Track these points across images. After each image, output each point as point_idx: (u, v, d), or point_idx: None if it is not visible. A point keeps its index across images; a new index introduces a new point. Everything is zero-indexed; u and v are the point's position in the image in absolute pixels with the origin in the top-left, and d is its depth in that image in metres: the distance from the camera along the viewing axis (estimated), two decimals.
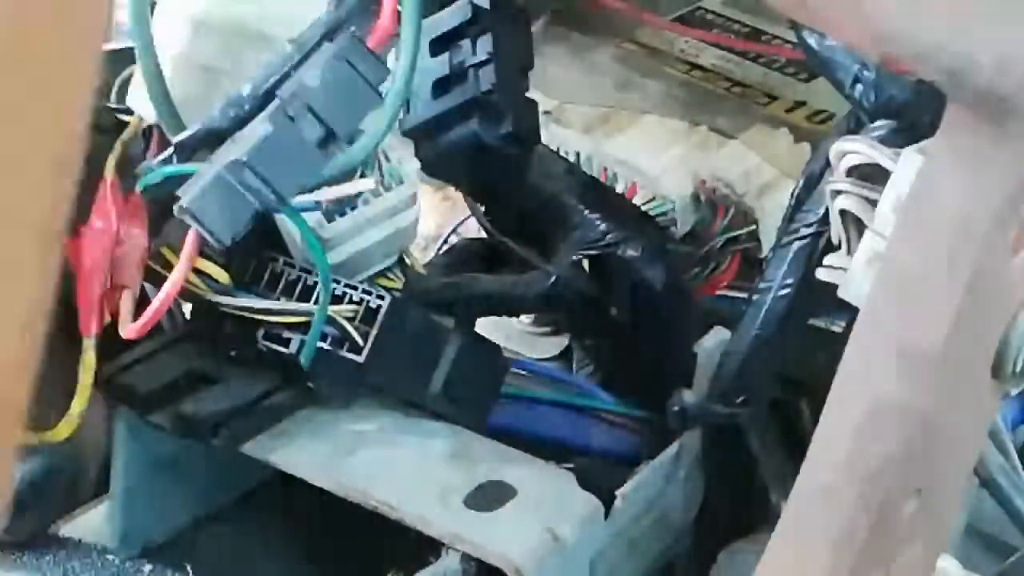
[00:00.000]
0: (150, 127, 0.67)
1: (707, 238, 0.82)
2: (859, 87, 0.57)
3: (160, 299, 0.61)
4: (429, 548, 0.61)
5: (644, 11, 0.90)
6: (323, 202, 0.63)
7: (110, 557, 0.68)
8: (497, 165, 0.71)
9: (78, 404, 0.63)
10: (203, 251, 0.64)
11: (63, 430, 0.63)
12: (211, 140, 0.61)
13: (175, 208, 0.59)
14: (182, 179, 0.60)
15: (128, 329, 0.62)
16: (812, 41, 0.58)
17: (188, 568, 0.67)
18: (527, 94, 0.72)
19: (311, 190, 0.62)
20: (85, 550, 0.68)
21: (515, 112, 0.69)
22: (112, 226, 0.62)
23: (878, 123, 0.58)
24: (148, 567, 0.68)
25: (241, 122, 0.60)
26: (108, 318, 0.63)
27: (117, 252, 0.62)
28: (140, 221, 0.63)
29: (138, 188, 0.62)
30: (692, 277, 0.81)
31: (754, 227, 0.80)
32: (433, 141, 0.70)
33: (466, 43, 0.70)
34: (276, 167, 0.59)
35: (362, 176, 0.64)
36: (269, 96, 0.60)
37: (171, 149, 0.61)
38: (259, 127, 0.59)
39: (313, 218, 0.64)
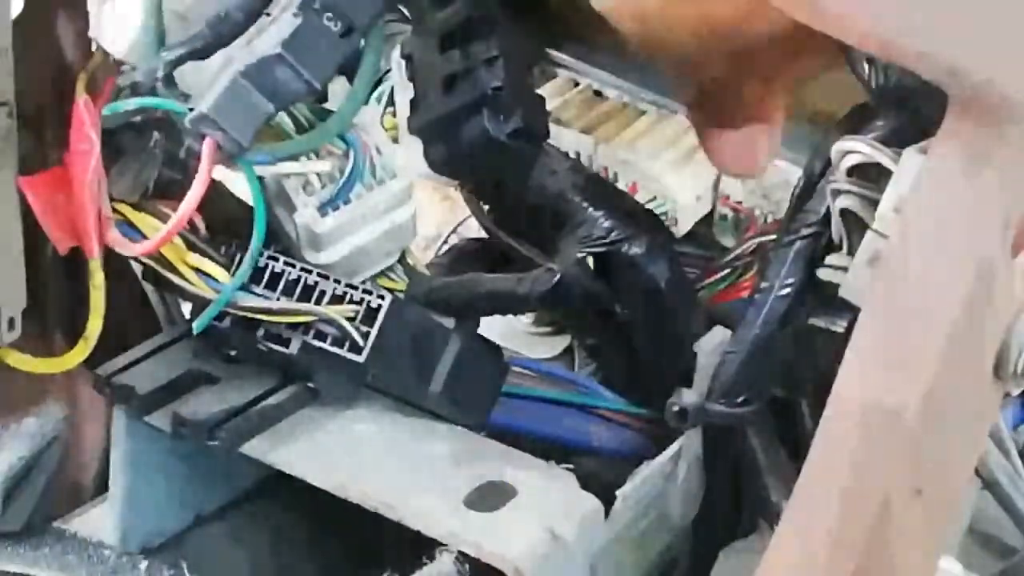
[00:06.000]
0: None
1: (739, 243, 0.82)
2: (871, 68, 0.57)
3: (179, 213, 0.61)
4: (427, 548, 0.61)
5: None
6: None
7: (106, 552, 0.68)
8: (505, 162, 0.71)
9: (93, 325, 0.63)
10: (202, 250, 0.64)
11: (79, 353, 0.63)
12: (197, 53, 0.62)
13: (188, 119, 0.60)
14: (145, 122, 0.62)
15: (134, 248, 0.62)
16: None
17: (184, 566, 0.67)
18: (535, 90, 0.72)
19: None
20: (82, 544, 0.68)
21: (524, 108, 0.69)
22: (94, 145, 0.62)
23: (879, 122, 0.58)
24: (144, 563, 0.68)
25: (227, 38, 0.61)
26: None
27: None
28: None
29: (104, 112, 0.63)
30: (718, 280, 0.81)
31: None
32: (442, 139, 0.70)
33: (473, 40, 0.69)
34: (308, 56, 0.60)
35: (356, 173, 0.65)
36: (256, 14, 0.61)
37: (153, 63, 0.62)
38: (284, 20, 0.61)
39: (307, 214, 0.64)
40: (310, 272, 0.64)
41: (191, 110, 0.60)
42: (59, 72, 0.69)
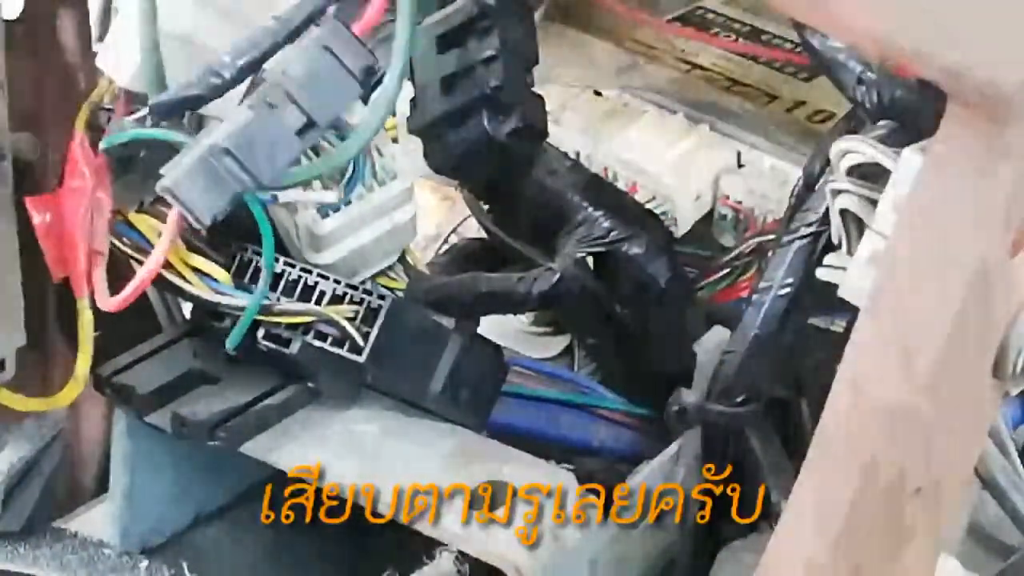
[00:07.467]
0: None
1: (739, 243, 0.82)
2: (862, 88, 0.57)
3: (142, 275, 0.61)
4: (427, 548, 0.61)
5: (643, 10, 0.90)
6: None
7: (106, 552, 0.68)
8: (505, 162, 0.71)
9: (82, 364, 0.63)
10: (203, 250, 0.64)
11: (70, 393, 0.64)
12: (188, 104, 0.61)
13: (158, 186, 0.59)
14: (152, 143, 0.61)
15: (108, 302, 0.62)
16: (815, 42, 0.58)
17: (184, 565, 0.67)
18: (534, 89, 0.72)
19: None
20: (82, 544, 0.68)
21: (523, 107, 0.69)
22: (87, 183, 0.62)
23: (879, 123, 0.58)
24: (144, 563, 0.68)
25: (219, 90, 0.60)
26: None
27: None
28: (105, 186, 0.63)
29: (101, 146, 0.62)
30: (718, 280, 0.81)
31: None
32: (442, 139, 0.70)
33: (472, 40, 0.70)
34: (254, 153, 0.59)
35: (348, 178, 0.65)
36: (250, 69, 0.60)
37: (145, 109, 0.61)
38: (240, 112, 0.60)
39: (308, 215, 0.64)
40: (310, 272, 0.64)
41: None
42: (62, 74, 0.68)
